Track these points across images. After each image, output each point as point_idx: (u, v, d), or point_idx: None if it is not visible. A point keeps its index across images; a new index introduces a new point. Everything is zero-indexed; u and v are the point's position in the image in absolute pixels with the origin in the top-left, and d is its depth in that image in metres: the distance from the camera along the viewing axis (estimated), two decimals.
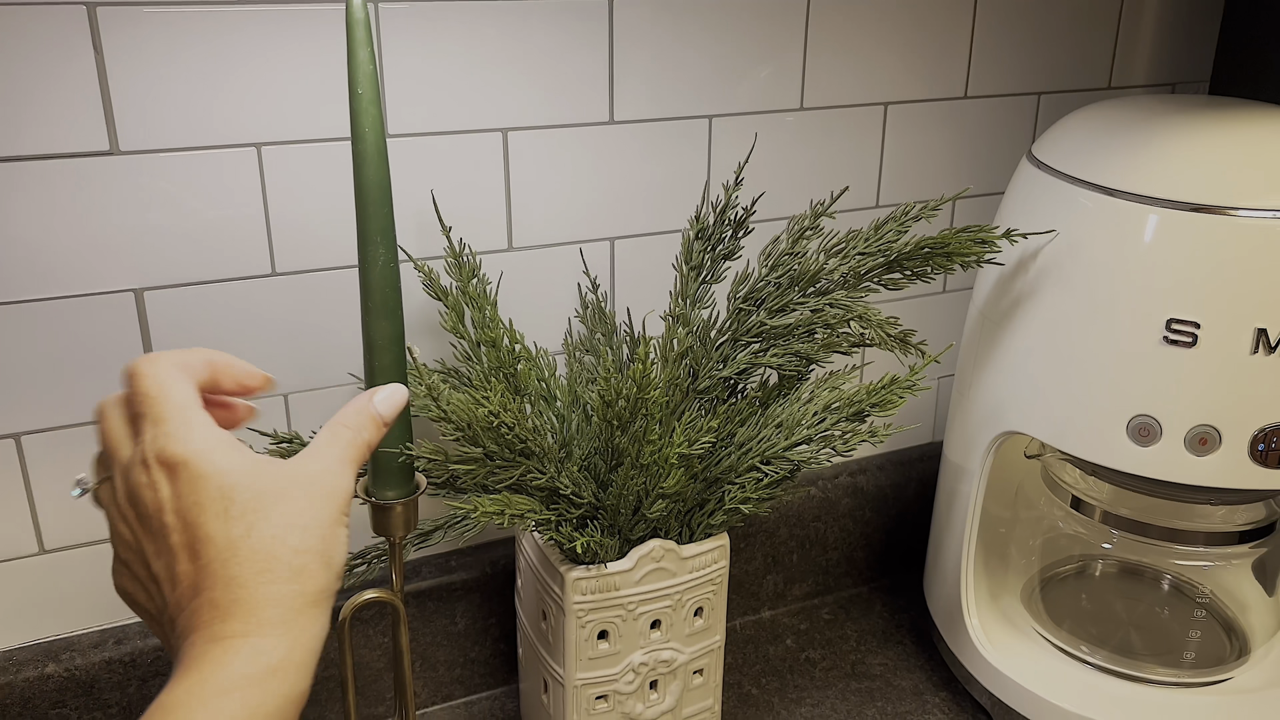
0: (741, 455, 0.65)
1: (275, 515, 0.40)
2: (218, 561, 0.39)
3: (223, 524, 0.39)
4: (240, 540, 0.39)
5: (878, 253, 0.62)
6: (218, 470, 0.40)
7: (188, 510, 0.39)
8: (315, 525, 0.41)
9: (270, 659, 0.38)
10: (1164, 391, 0.61)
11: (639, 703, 0.67)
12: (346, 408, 0.46)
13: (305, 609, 0.40)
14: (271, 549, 0.39)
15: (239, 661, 0.37)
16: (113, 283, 0.62)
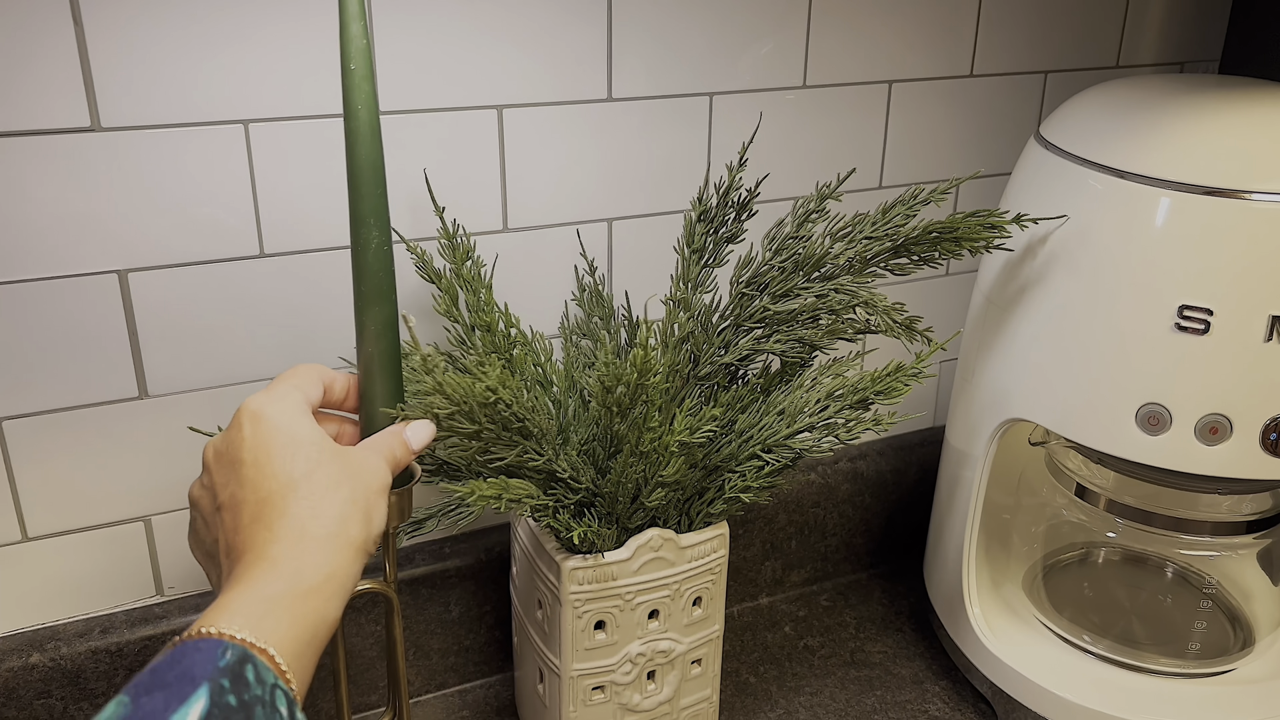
0: (742, 443, 0.63)
1: (332, 472, 0.47)
2: (278, 495, 0.45)
3: (287, 466, 0.46)
4: (301, 481, 0.46)
5: (885, 237, 0.60)
6: (292, 426, 0.47)
7: (260, 447, 0.46)
8: (362, 490, 0.48)
9: (310, 582, 0.43)
10: (1174, 380, 0.60)
11: (636, 693, 0.66)
12: (377, 435, 0.53)
13: (343, 550, 0.46)
14: (324, 495, 0.46)
15: (284, 578, 0.43)
16: (96, 264, 0.60)
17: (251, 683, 0.38)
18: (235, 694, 0.37)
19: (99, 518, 0.65)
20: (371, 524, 0.48)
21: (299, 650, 0.42)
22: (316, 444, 0.47)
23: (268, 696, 0.39)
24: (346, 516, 0.46)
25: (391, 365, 0.53)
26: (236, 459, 0.47)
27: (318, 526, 0.45)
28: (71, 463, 0.63)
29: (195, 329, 0.64)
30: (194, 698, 0.36)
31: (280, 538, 0.44)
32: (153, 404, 0.64)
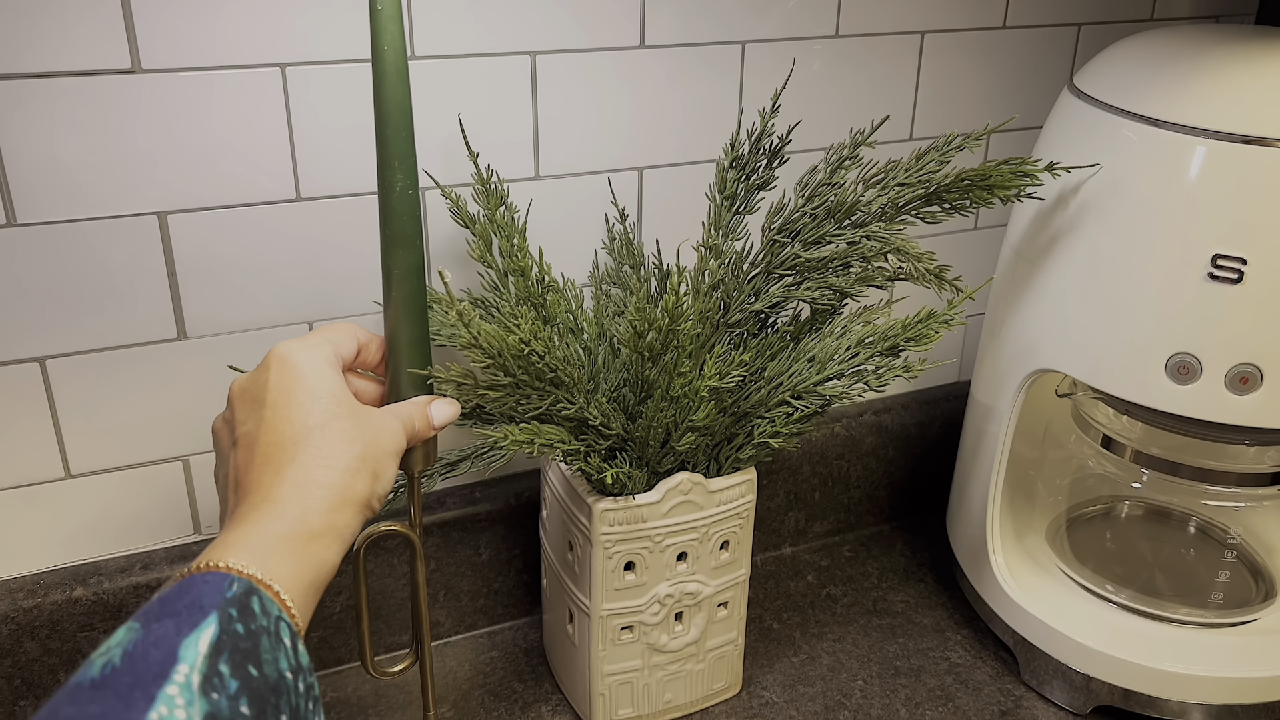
0: (772, 390, 0.64)
1: (347, 426, 0.48)
2: (290, 441, 0.46)
3: (304, 414, 0.47)
4: (315, 431, 0.47)
5: (918, 184, 0.60)
6: (316, 376, 0.48)
7: (282, 392, 0.48)
8: (374, 449, 0.49)
9: (313, 528, 0.44)
10: (1206, 329, 0.60)
11: (664, 634, 0.67)
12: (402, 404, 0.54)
13: (348, 504, 0.46)
14: (336, 448, 0.47)
15: (288, 521, 0.44)
16: (136, 205, 0.61)
17: (258, 614, 0.39)
18: (243, 623, 0.38)
19: (139, 457, 0.67)
20: (378, 483, 0.49)
21: (301, 589, 0.43)
22: (336, 397, 0.49)
23: (273, 628, 0.40)
24: (355, 471, 0.47)
25: (417, 310, 0.54)
26: (258, 399, 0.48)
27: (325, 476, 0.46)
28: (112, 402, 0.65)
29: (233, 272, 0.65)
30: (204, 624, 0.37)
31: (287, 481, 0.45)
32: (191, 345, 0.65)
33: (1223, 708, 0.68)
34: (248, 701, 0.36)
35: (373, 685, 0.73)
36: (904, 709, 0.72)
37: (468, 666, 0.75)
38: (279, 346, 0.50)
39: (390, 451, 0.50)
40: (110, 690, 0.34)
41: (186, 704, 0.34)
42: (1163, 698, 0.68)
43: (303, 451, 0.46)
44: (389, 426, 0.51)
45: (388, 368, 0.55)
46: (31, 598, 0.65)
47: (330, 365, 0.50)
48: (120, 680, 0.34)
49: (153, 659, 0.35)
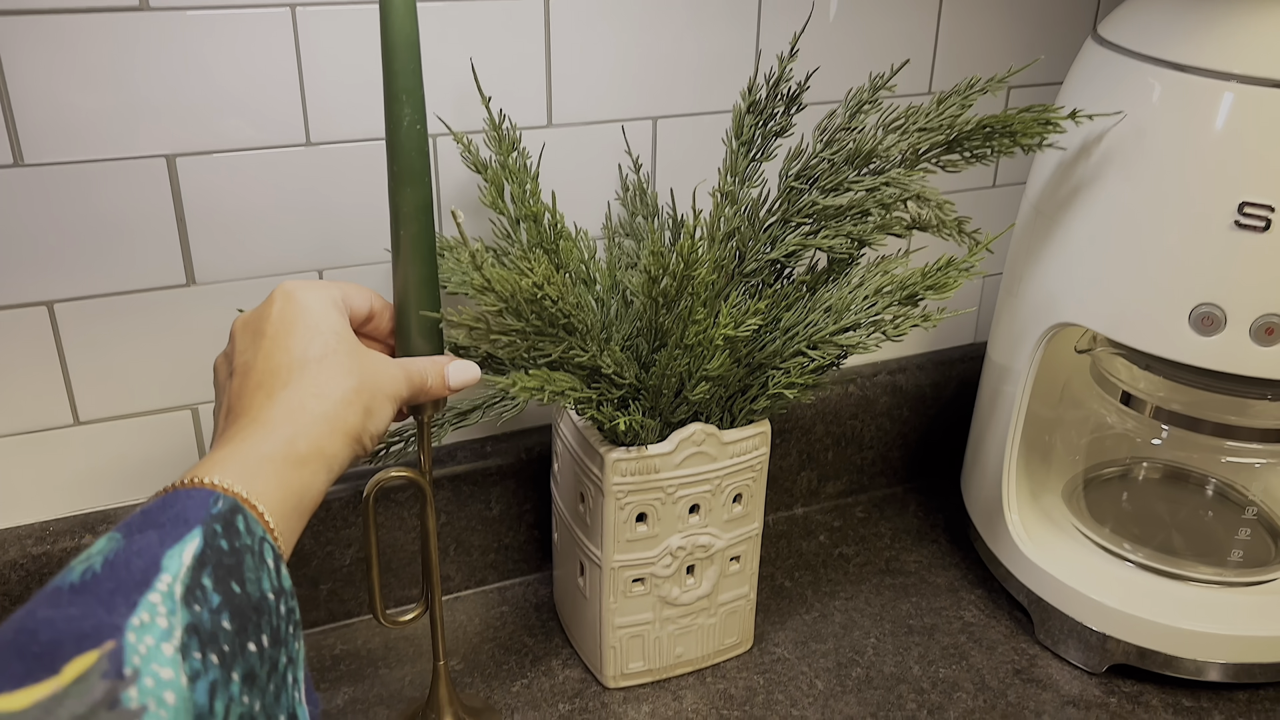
0: (787, 340, 0.63)
1: (345, 363, 0.47)
2: (285, 369, 0.46)
3: (304, 346, 0.47)
4: (312, 362, 0.46)
5: (939, 128, 0.59)
6: (319, 313, 0.48)
7: (284, 324, 0.48)
8: (370, 387, 0.48)
9: (300, 452, 0.44)
10: (1231, 279, 0.59)
11: (675, 586, 0.66)
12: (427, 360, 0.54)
13: (338, 433, 0.46)
14: (331, 380, 0.46)
15: (276, 442, 0.43)
16: (144, 148, 0.60)
17: (242, 532, 0.39)
18: (227, 540, 0.38)
19: (147, 404, 0.66)
20: (371, 419, 0.48)
21: (285, 513, 0.42)
22: (338, 334, 0.48)
23: (256, 548, 0.39)
24: (348, 403, 0.46)
25: (425, 250, 0.53)
26: (259, 330, 0.48)
27: (317, 405, 0.45)
28: (121, 348, 0.64)
29: (243, 217, 0.64)
30: (188, 537, 0.36)
31: (279, 405, 0.45)
32: (200, 291, 0.64)
33: (1239, 666, 0.68)
34: (229, 616, 0.36)
35: (382, 638, 0.73)
36: (917, 666, 0.71)
37: (478, 621, 0.75)
38: (286, 282, 0.50)
39: (388, 394, 0.49)
40: (91, 595, 0.33)
41: (169, 612, 0.34)
42: (1179, 656, 0.68)
43: (297, 379, 0.46)
44: (391, 371, 0.50)
45: (396, 313, 0.55)
46: (40, 544, 0.64)
47: (335, 307, 0.50)
48: (101, 585, 0.33)
49: (135, 567, 0.34)
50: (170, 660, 0.33)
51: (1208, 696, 0.69)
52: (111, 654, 0.32)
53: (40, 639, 0.31)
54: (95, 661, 0.31)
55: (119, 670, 0.31)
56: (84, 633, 0.32)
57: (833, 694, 0.69)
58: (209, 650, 0.34)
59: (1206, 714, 0.68)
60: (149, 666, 0.32)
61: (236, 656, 0.35)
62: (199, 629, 0.34)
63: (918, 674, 0.70)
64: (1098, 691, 0.69)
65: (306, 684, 0.41)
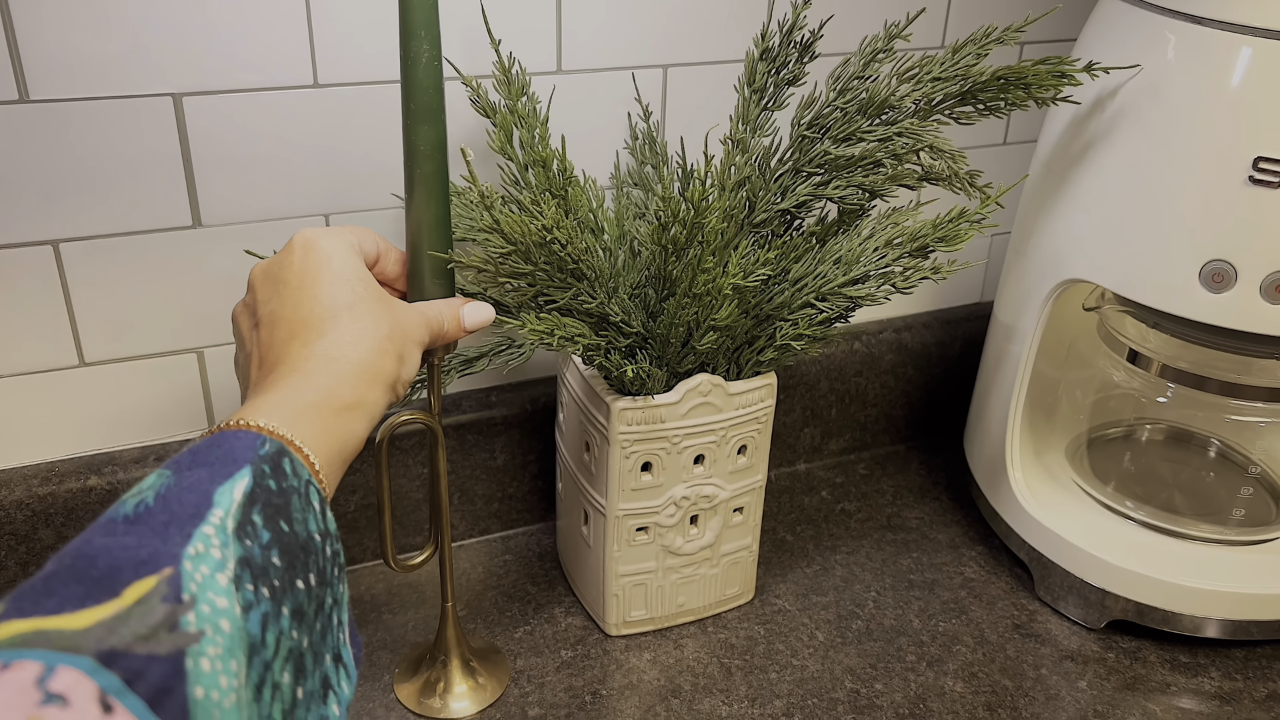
0: (796, 291, 0.63)
1: (375, 309, 0.47)
2: (318, 319, 0.46)
3: (331, 293, 0.47)
4: (343, 311, 0.46)
5: (954, 78, 0.59)
6: (342, 260, 0.48)
7: (308, 273, 0.47)
8: (400, 334, 0.48)
9: (342, 400, 0.44)
10: (1244, 235, 0.59)
11: (679, 536, 0.67)
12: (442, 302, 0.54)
13: (376, 380, 0.46)
14: (364, 328, 0.46)
15: (318, 391, 0.43)
16: (149, 86, 0.59)
17: (289, 474, 0.39)
18: (275, 480, 0.38)
19: (153, 347, 0.66)
20: (404, 366, 0.48)
21: (329, 458, 0.43)
22: (364, 281, 0.48)
23: (303, 490, 0.39)
24: (383, 351, 0.47)
25: (440, 190, 0.53)
26: (282, 279, 0.47)
27: (354, 352, 0.46)
28: (127, 290, 0.64)
29: (249, 159, 0.63)
30: (238, 475, 0.37)
31: (316, 355, 0.45)
32: (206, 233, 0.64)
33: (1237, 623, 0.68)
34: (279, 553, 0.36)
35: (386, 584, 0.73)
36: (917, 620, 0.72)
37: (481, 569, 0.75)
38: (303, 230, 0.49)
39: (415, 340, 0.50)
40: (145, 525, 0.34)
41: (222, 545, 0.34)
42: (1178, 612, 0.68)
43: (331, 329, 0.46)
44: (413, 317, 0.51)
45: (409, 254, 0.54)
46: (46, 485, 0.64)
47: (355, 252, 0.50)
48: (155, 518, 0.34)
49: (187, 501, 0.35)
50: (225, 590, 0.33)
51: (1205, 653, 0.69)
52: (170, 579, 0.32)
53: (99, 564, 0.32)
54: (155, 585, 0.32)
55: (178, 595, 0.32)
56: (142, 559, 0.32)
57: (833, 645, 0.69)
58: (260, 583, 0.35)
59: (1203, 670, 0.68)
60: (205, 594, 0.33)
61: (286, 592, 0.36)
62: (250, 563, 0.35)
63: (917, 627, 0.71)
64: (1096, 647, 0.70)
65: (351, 626, 0.42)
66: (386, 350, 0.47)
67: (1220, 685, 0.67)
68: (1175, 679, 0.67)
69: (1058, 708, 0.65)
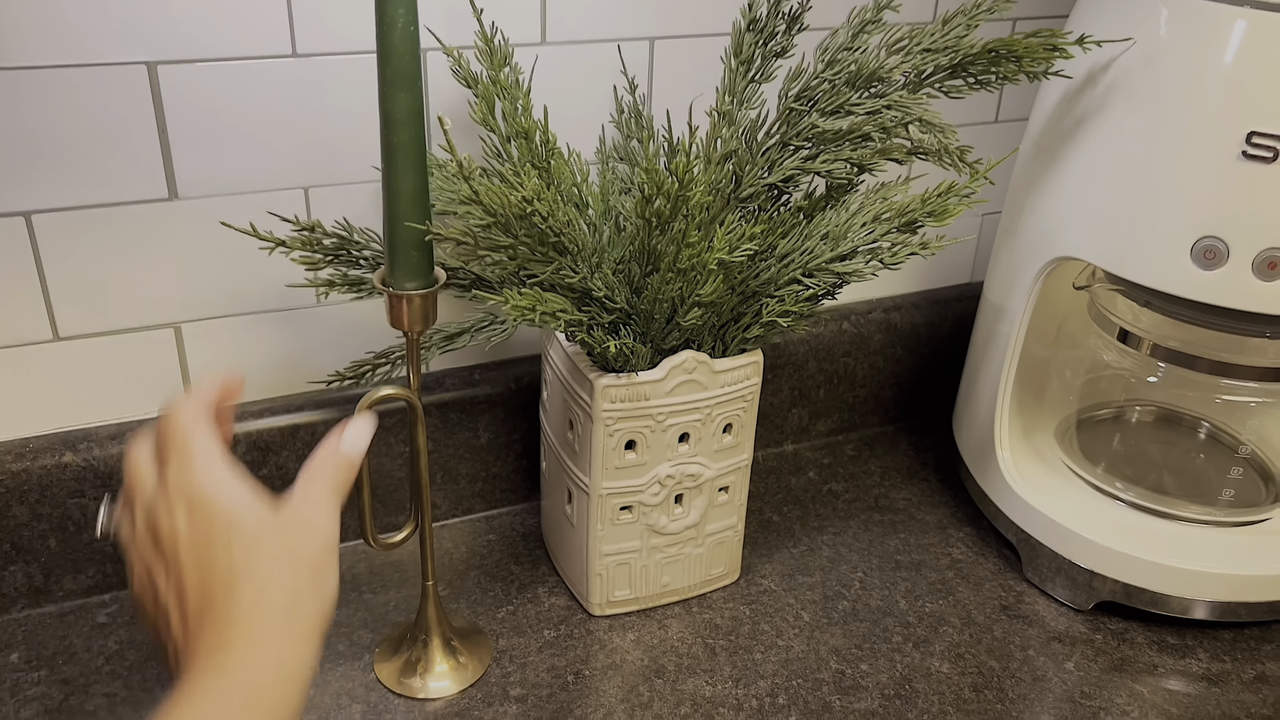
0: (783, 267, 0.62)
1: (275, 550, 0.42)
2: (221, 590, 0.41)
3: (227, 556, 0.41)
4: (242, 571, 0.41)
5: (944, 50, 0.58)
6: (229, 506, 0.42)
7: (200, 543, 0.42)
8: (308, 563, 0.43)
9: (264, 679, 0.40)
10: (1236, 211, 0.58)
11: (663, 515, 0.66)
12: (315, 455, 0.47)
13: (298, 639, 0.41)
14: (269, 581, 0.41)
15: (235, 679, 0.39)
16: (124, 53, 0.58)
17: None
18: None
19: (130, 321, 0.65)
20: (325, 595, 0.43)
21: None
22: (253, 520, 0.42)
23: None
24: (294, 602, 0.42)
25: (417, 158, 0.51)
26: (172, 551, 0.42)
27: (267, 620, 0.41)
28: (102, 263, 0.63)
29: (226, 130, 0.62)
30: None
31: (229, 639, 0.40)
32: (183, 206, 0.63)
33: (1225, 605, 0.68)
34: None
35: (367, 563, 0.72)
36: (904, 601, 0.71)
37: (464, 549, 0.74)
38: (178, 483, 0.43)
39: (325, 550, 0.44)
40: None
41: None
42: (1166, 594, 0.68)
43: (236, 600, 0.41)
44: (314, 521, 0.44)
45: (386, 229, 0.53)
46: (20, 461, 0.63)
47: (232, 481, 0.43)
48: None
49: None
50: None
51: (1193, 635, 0.69)
52: None
53: None
54: None
55: None
56: None
57: (818, 625, 0.68)
58: None
59: (1191, 651, 0.68)
60: None
61: None
62: None
63: (904, 608, 0.70)
64: (1083, 628, 0.69)
65: None
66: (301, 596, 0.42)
67: (1208, 667, 0.67)
68: (1163, 661, 0.67)
69: (1044, 689, 0.64)
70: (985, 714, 0.62)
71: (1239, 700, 0.64)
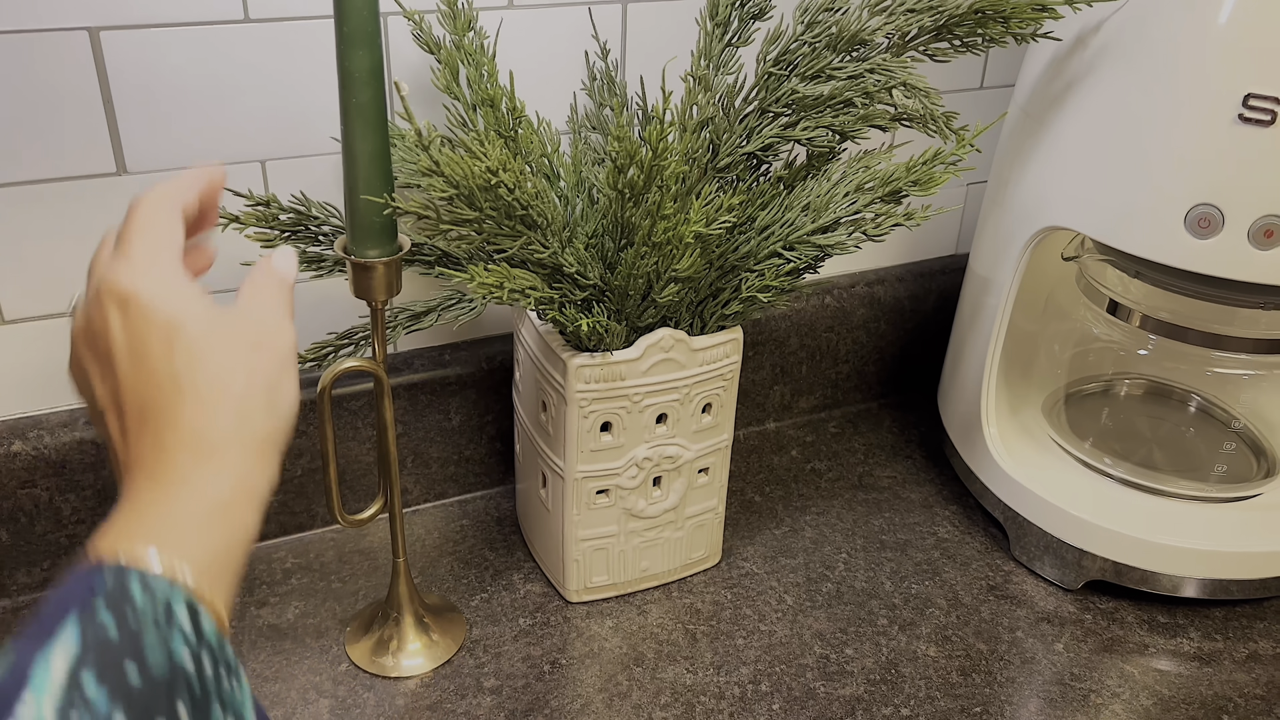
0: (762, 241, 0.59)
1: (221, 357, 0.39)
2: (161, 398, 0.38)
3: (167, 361, 0.38)
4: (184, 378, 0.38)
5: (929, 10, 0.55)
6: (165, 308, 0.38)
7: (137, 345, 0.38)
8: (261, 372, 0.40)
9: (214, 499, 0.37)
10: (1232, 177, 0.56)
11: (641, 498, 0.64)
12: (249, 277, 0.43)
13: (248, 452, 0.38)
14: (215, 389, 0.38)
15: (181, 499, 0.36)
16: (63, 19, 0.55)
17: (137, 601, 0.33)
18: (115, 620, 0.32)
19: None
20: (279, 408, 0.40)
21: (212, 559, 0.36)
22: (197, 325, 0.38)
23: (161, 612, 0.33)
24: (245, 413, 0.39)
25: (377, 119, 0.49)
26: (105, 352, 0.39)
27: (214, 432, 0.38)
28: (48, 241, 0.59)
29: (175, 101, 0.59)
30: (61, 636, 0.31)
31: (170, 451, 0.37)
32: (132, 181, 0.60)
33: (1216, 582, 0.66)
34: (124, 710, 0.31)
35: (336, 550, 0.70)
36: (889, 582, 0.69)
37: (436, 534, 0.72)
38: (110, 279, 0.39)
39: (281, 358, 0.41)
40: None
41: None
42: (1156, 571, 0.66)
43: (179, 411, 0.37)
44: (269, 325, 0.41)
45: (346, 198, 0.51)
46: None
47: (176, 281, 0.39)
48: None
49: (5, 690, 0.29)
50: None
51: (1183, 613, 0.67)
52: None
53: None
54: None
55: None
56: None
57: (802, 609, 0.67)
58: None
59: (1182, 630, 0.66)
60: None
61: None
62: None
63: (889, 589, 0.68)
64: (1072, 608, 0.68)
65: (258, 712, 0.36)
66: (251, 407, 0.39)
67: (1199, 646, 0.65)
68: (1154, 640, 0.65)
69: (1033, 671, 0.63)
70: (973, 698, 0.61)
71: (1231, 680, 0.63)
